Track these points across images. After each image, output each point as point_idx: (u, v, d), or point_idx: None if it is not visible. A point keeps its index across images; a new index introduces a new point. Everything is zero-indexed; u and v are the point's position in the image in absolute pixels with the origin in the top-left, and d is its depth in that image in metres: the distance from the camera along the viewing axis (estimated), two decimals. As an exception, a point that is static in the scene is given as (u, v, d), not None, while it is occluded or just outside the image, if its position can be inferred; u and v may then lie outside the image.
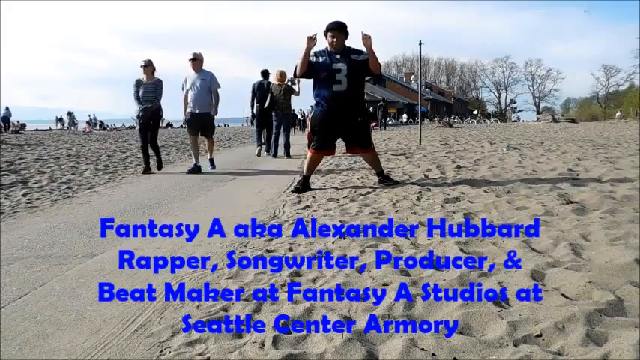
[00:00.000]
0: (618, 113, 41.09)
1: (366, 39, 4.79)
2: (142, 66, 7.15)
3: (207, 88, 7.19)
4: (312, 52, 4.87)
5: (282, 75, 9.54)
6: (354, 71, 4.83)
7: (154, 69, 7.26)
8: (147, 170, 7.22)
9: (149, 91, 7.12)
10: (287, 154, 9.65)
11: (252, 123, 11.71)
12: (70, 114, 32.11)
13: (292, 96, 9.70)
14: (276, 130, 9.82)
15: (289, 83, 9.66)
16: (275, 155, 9.70)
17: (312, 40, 4.77)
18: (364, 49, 4.87)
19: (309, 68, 4.89)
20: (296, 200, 4.49)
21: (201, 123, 7.34)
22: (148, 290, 2.27)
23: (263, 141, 10.49)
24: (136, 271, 2.56)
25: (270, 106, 9.58)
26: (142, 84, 7.15)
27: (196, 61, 7.19)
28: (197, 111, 7.21)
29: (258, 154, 10.21)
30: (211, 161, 7.71)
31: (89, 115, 38.45)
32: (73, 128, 30.78)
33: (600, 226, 2.87)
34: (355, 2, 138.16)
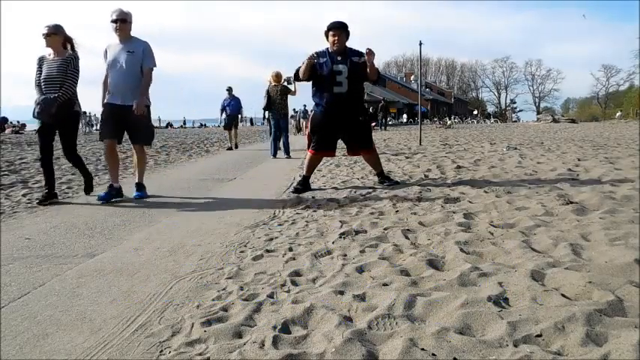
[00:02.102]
0: (618, 113, 41.13)
1: (369, 55, 4.77)
2: (44, 34, 4.49)
3: (138, 65, 4.62)
4: (313, 53, 4.90)
5: (277, 76, 9.63)
6: (355, 73, 4.83)
7: (66, 39, 4.64)
8: (48, 197, 4.59)
9: (54, 73, 4.49)
10: (287, 153, 9.75)
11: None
12: (84, 114, 31.91)
13: (290, 96, 9.79)
14: (275, 130, 9.92)
15: (285, 83, 9.73)
16: (275, 155, 9.77)
17: (312, 58, 4.79)
18: (364, 51, 4.90)
19: (312, 72, 4.89)
20: (296, 200, 4.49)
21: (126, 121, 4.63)
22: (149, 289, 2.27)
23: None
24: (136, 271, 2.56)
25: (268, 106, 9.68)
26: (44, 62, 4.59)
27: (124, 24, 4.61)
28: (119, 102, 4.61)
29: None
30: (139, 187, 4.89)
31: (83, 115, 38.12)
32: (88, 129, 29.83)
33: (600, 226, 2.87)
34: (355, 2, 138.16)
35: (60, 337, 1.81)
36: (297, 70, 4.95)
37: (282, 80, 9.70)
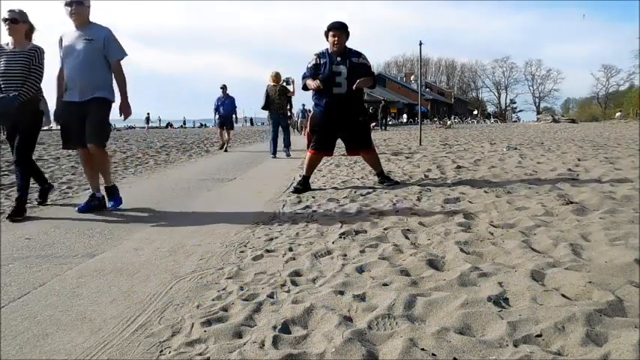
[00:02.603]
0: (618, 113, 41.10)
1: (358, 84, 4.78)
2: (7, 20, 3.88)
3: (98, 55, 3.95)
4: (314, 55, 4.92)
5: (276, 76, 9.76)
6: (354, 74, 4.84)
7: (30, 29, 4.04)
8: (16, 212, 3.87)
9: (15, 68, 3.88)
10: (287, 150, 9.95)
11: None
12: None
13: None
14: (274, 129, 10.04)
15: (284, 84, 9.89)
16: (275, 155, 9.84)
17: (318, 86, 4.78)
18: (362, 52, 4.93)
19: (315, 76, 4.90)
20: (296, 200, 4.49)
21: (84, 120, 3.93)
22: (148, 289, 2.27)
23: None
24: (136, 271, 2.56)
25: (267, 106, 9.80)
26: (2, 54, 3.94)
27: (80, 6, 3.92)
28: (77, 99, 3.96)
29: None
30: (111, 191, 4.27)
31: None
32: None
33: (600, 226, 2.87)
34: (355, 2, 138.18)
35: (60, 337, 1.81)
36: (305, 82, 4.94)
37: (281, 80, 9.82)
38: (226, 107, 12.03)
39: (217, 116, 12.11)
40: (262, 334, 1.72)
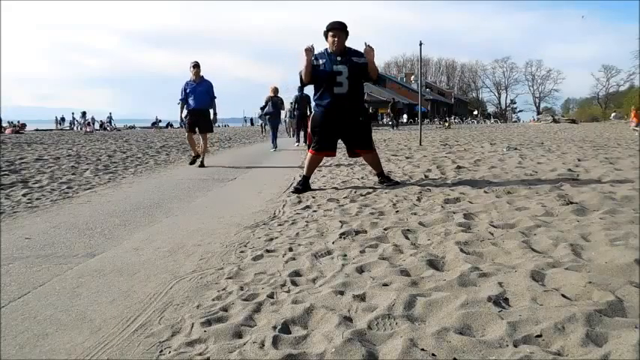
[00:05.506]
0: (613, 114, 40.98)
1: (369, 52, 4.86)
2: None
3: None
4: (310, 47, 4.91)
5: (276, 89, 12.67)
6: (355, 73, 4.84)
7: None
8: None
9: None
10: (275, 142, 12.59)
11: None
12: (83, 114, 32.91)
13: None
14: (274, 129, 13.02)
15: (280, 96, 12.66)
16: (275, 147, 12.31)
17: (309, 52, 4.82)
18: (363, 49, 4.93)
19: (314, 75, 4.90)
20: (296, 200, 4.49)
21: None
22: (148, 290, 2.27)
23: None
24: (136, 271, 2.56)
25: (276, 112, 12.65)
26: None
27: None
28: None
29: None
30: None
31: (82, 115, 38.88)
32: (88, 127, 30.41)
33: (600, 226, 2.87)
34: (355, 2, 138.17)
35: (60, 337, 1.81)
36: (301, 74, 4.95)
37: (278, 93, 12.64)
38: (199, 97, 7.82)
39: (185, 112, 7.95)
40: (262, 334, 1.72)
